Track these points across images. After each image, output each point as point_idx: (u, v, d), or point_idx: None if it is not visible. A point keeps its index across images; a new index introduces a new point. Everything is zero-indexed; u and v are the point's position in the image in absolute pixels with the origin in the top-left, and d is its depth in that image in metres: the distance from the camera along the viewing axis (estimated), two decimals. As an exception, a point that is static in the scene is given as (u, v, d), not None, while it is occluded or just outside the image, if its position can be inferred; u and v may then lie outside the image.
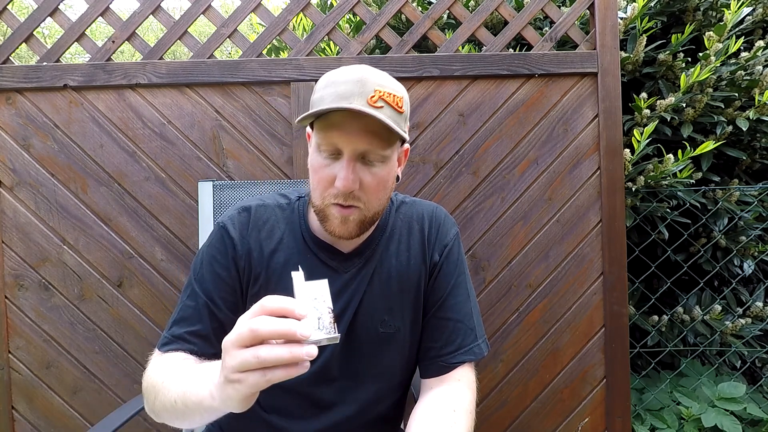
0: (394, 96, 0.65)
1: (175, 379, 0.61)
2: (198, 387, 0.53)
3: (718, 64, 1.56)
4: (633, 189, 1.54)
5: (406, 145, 0.77)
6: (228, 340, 0.46)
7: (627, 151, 1.45)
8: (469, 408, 0.72)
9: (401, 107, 0.67)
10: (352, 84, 0.64)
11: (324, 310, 0.47)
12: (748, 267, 1.76)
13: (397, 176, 0.76)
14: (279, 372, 0.44)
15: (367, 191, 0.69)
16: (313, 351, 0.43)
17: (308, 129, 0.76)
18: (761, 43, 1.62)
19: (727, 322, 1.66)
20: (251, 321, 0.45)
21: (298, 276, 0.49)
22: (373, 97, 0.63)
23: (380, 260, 0.79)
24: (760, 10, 1.75)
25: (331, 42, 1.81)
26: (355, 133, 0.65)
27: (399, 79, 0.75)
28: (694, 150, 1.47)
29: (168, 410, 0.59)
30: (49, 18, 1.37)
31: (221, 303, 0.73)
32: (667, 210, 1.62)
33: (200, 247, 0.78)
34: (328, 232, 0.72)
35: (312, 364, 0.76)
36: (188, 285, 0.76)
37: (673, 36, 1.61)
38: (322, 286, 0.49)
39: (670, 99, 1.56)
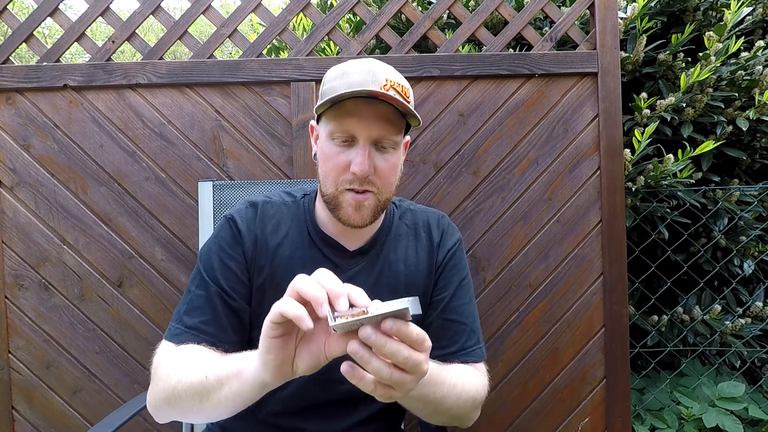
0: (402, 86, 0.68)
1: (205, 361, 0.61)
2: (238, 359, 0.56)
3: (718, 64, 1.56)
4: (633, 189, 1.54)
5: (408, 137, 0.80)
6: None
7: (627, 151, 1.45)
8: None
9: (408, 98, 0.69)
10: (364, 74, 0.67)
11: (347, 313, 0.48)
12: (748, 267, 1.76)
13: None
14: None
15: (380, 176, 0.71)
16: (309, 322, 0.45)
17: (312, 122, 0.79)
18: (761, 43, 1.62)
19: (726, 322, 1.66)
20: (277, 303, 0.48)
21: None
22: (385, 85, 0.66)
23: (388, 263, 0.80)
24: (760, 10, 1.75)
25: (331, 42, 1.81)
26: (370, 119, 0.68)
27: (399, 79, 0.76)
28: (694, 150, 1.47)
29: (194, 389, 0.57)
30: (49, 18, 1.37)
31: (231, 291, 0.74)
32: (667, 210, 1.62)
33: (206, 240, 0.80)
34: (341, 220, 0.73)
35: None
36: (196, 276, 0.76)
37: (673, 36, 1.61)
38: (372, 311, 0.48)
39: (670, 99, 1.55)
